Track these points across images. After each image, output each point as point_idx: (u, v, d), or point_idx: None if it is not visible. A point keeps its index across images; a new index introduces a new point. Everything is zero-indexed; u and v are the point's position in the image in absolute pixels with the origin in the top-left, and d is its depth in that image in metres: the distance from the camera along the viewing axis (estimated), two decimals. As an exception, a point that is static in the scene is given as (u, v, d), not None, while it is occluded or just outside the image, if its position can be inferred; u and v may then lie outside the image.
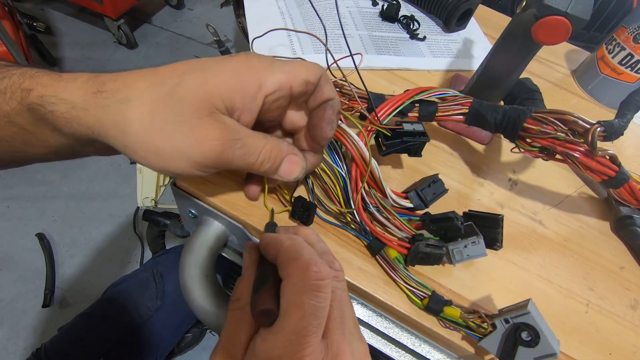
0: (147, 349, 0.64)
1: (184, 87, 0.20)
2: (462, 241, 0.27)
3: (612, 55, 0.45)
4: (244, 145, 0.21)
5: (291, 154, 0.24)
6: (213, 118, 0.20)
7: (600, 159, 0.28)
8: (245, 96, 0.21)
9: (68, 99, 0.19)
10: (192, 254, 0.30)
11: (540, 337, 0.22)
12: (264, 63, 0.21)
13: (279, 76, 0.21)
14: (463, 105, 0.33)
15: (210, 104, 0.20)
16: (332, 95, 0.24)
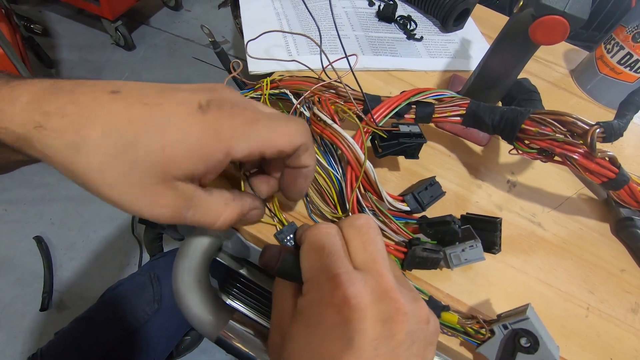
0: (145, 353, 0.63)
1: (139, 149, 0.18)
2: (459, 245, 0.27)
3: (611, 54, 0.45)
4: (196, 213, 0.21)
5: (252, 209, 0.24)
6: (166, 185, 0.19)
7: (599, 160, 0.28)
8: (208, 163, 0.19)
9: (10, 128, 0.17)
10: (185, 260, 0.30)
11: (539, 344, 0.22)
12: (235, 127, 0.19)
13: (251, 144, 0.20)
14: (460, 106, 0.32)
15: (165, 172, 0.18)
16: (307, 164, 0.23)
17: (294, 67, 0.39)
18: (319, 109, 0.29)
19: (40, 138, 0.17)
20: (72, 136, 0.17)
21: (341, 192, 0.29)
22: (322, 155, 0.29)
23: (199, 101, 0.19)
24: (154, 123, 0.18)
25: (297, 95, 0.32)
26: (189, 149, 0.18)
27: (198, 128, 0.19)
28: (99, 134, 0.17)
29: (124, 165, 0.18)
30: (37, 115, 0.17)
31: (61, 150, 0.17)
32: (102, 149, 0.17)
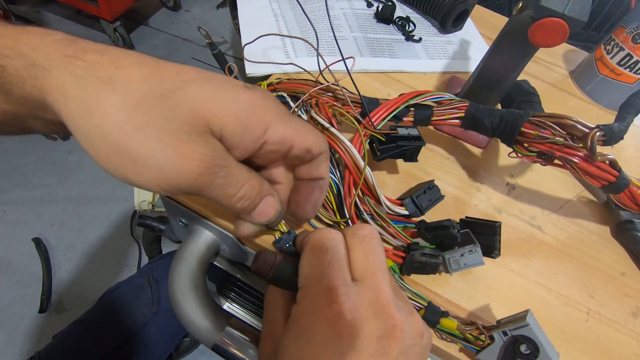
0: (143, 355, 0.63)
1: (186, 95, 0.16)
2: (458, 250, 0.26)
3: (611, 55, 0.45)
4: (227, 175, 0.18)
5: (270, 195, 0.22)
6: (204, 138, 0.17)
7: (599, 164, 0.27)
8: (247, 134, 0.18)
9: (29, 54, 0.15)
10: (181, 265, 0.29)
11: (539, 351, 0.21)
12: (278, 110, 0.19)
13: (287, 130, 0.19)
14: (459, 109, 0.32)
15: (206, 125, 0.17)
16: (325, 175, 0.23)
17: (291, 69, 0.39)
18: (317, 112, 0.29)
19: (68, 66, 0.15)
20: (109, 70, 0.15)
21: (339, 196, 0.28)
22: (319, 159, 0.29)
23: (245, 84, 0.19)
24: (207, 79, 0.17)
25: (294, 98, 0.32)
26: (239, 112, 0.17)
27: (248, 97, 0.18)
28: (141, 75, 0.16)
29: (163, 108, 0.15)
30: (72, 47, 0.15)
31: (90, 82, 0.15)
32: (140, 89, 0.15)
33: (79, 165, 1.26)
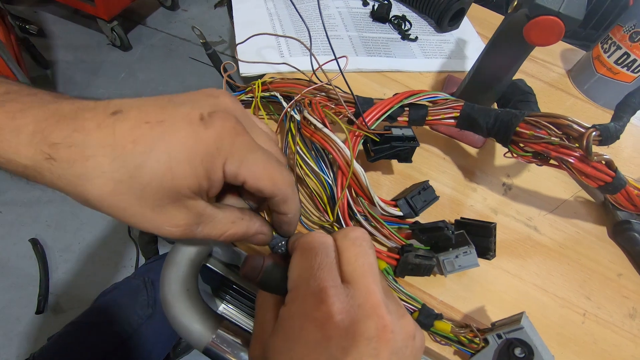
0: (139, 357, 0.62)
1: (148, 173, 0.18)
2: (453, 251, 0.26)
3: (608, 54, 0.44)
4: (205, 228, 0.21)
5: (258, 233, 0.24)
6: (176, 205, 0.19)
7: (596, 164, 0.27)
8: (212, 177, 0.20)
9: (17, 160, 0.17)
10: (172, 268, 0.29)
11: (534, 354, 0.21)
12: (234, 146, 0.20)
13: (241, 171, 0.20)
14: (454, 108, 0.32)
15: (174, 192, 0.19)
16: (285, 212, 0.23)
17: (285, 69, 0.39)
18: (310, 113, 0.29)
19: (51, 168, 0.17)
20: (81, 166, 0.17)
21: (332, 196, 0.28)
22: (313, 160, 0.29)
23: (201, 113, 0.19)
24: (159, 142, 0.18)
25: (287, 98, 0.32)
26: (194, 165, 0.19)
27: (202, 143, 0.19)
28: (108, 161, 0.18)
29: (136, 189, 0.18)
30: (45, 146, 0.17)
31: (72, 180, 0.17)
32: (112, 177, 0.18)
33: (76, 165, 1.26)
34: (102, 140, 0.18)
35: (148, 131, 0.18)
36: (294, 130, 0.29)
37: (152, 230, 0.20)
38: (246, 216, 0.23)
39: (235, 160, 0.20)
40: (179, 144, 0.18)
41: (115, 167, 0.18)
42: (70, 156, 0.17)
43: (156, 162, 0.18)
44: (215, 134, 0.19)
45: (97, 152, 0.17)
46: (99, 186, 0.17)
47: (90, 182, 0.17)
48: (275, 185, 0.21)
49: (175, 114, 0.19)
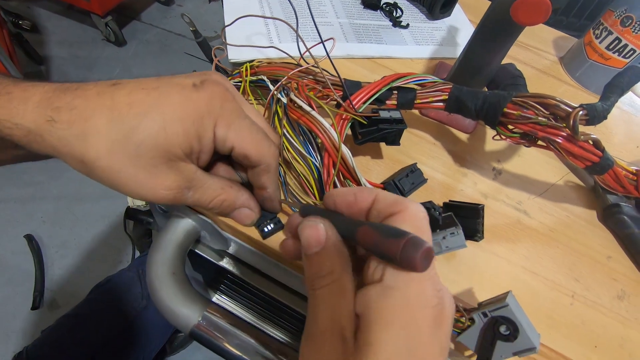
0: (133, 349, 0.62)
1: (142, 132, 0.19)
2: (440, 233, 0.26)
3: (600, 40, 0.44)
4: (196, 193, 0.22)
5: (244, 207, 0.24)
6: (168, 166, 0.20)
7: (583, 144, 0.27)
8: (202, 142, 0.21)
9: (22, 124, 0.19)
10: (159, 252, 0.29)
11: (519, 331, 0.21)
12: (224, 110, 0.21)
13: (229, 134, 0.21)
14: (443, 91, 0.31)
15: (167, 152, 0.20)
16: (266, 186, 0.24)
17: (274, 54, 0.38)
18: (296, 95, 0.28)
19: (52, 130, 0.19)
20: (80, 126, 0.19)
21: (320, 179, 0.28)
22: (300, 144, 0.28)
23: (193, 81, 0.21)
24: (153, 105, 0.19)
25: (275, 82, 0.31)
26: (186, 125, 0.20)
27: (193, 104, 0.20)
28: (105, 121, 0.19)
29: (130, 149, 0.19)
30: (49, 110, 0.19)
31: (71, 140, 0.19)
32: (108, 136, 0.19)
33: (71, 161, 1.25)
34: (101, 104, 0.19)
35: (144, 96, 0.19)
36: (281, 113, 0.29)
37: (144, 194, 0.20)
38: (235, 186, 0.24)
39: (224, 123, 0.21)
40: (172, 105, 0.20)
41: (112, 127, 0.19)
42: (71, 118, 0.18)
43: (151, 122, 0.19)
44: (206, 96, 0.20)
45: (95, 114, 0.19)
46: (95, 145, 0.18)
47: (88, 141, 0.18)
48: (260, 152, 0.22)
49: (170, 82, 0.21)
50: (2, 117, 0.19)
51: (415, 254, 0.15)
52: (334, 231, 0.19)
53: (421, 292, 0.17)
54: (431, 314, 0.16)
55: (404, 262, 0.16)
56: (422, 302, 0.16)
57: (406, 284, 0.17)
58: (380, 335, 0.16)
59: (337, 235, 0.19)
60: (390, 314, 0.16)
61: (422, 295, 0.17)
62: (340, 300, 0.18)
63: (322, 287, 0.18)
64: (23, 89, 0.19)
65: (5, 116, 0.19)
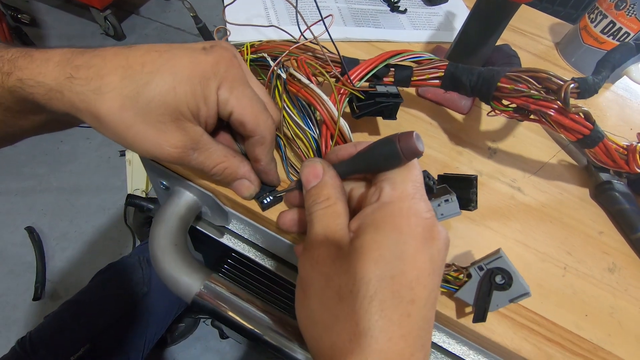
0: (135, 335, 0.63)
1: (152, 89, 0.20)
2: (435, 200, 0.27)
3: (595, 24, 0.45)
4: (200, 155, 0.23)
5: (244, 178, 0.26)
6: (176, 124, 0.21)
7: (573, 116, 0.28)
8: (208, 104, 0.22)
9: (44, 81, 0.20)
10: (161, 225, 0.29)
11: (513, 279, 0.22)
12: (228, 74, 0.22)
13: (231, 99, 0.22)
14: (439, 68, 0.32)
15: (176, 110, 0.21)
16: (259, 157, 0.25)
17: (275, 35, 0.39)
18: (295, 69, 0.29)
19: (71, 86, 0.20)
20: (97, 82, 0.20)
21: (318, 151, 0.29)
22: (299, 117, 0.29)
23: (204, 46, 0.22)
24: (164, 65, 0.21)
25: (275, 59, 0.32)
26: (194, 84, 0.21)
27: (200, 65, 0.21)
28: (118, 78, 0.20)
29: (141, 105, 0.20)
30: (69, 68, 0.20)
31: (87, 95, 0.20)
32: (121, 91, 0.20)
33: (70, 155, 1.26)
34: (116, 63, 0.20)
35: (156, 57, 0.21)
36: (281, 87, 0.30)
37: (151, 150, 0.21)
38: (238, 156, 0.25)
39: (227, 86, 0.22)
40: (181, 66, 0.21)
41: (125, 83, 0.20)
42: (89, 75, 0.20)
43: (161, 81, 0.20)
44: (213, 59, 0.21)
45: (110, 72, 0.20)
46: (109, 100, 0.20)
47: (103, 96, 0.20)
48: (256, 122, 0.23)
49: (182, 46, 0.22)
50: (25, 77, 0.20)
51: (411, 135, 0.19)
52: (331, 168, 0.22)
53: (414, 206, 0.19)
54: (423, 223, 0.18)
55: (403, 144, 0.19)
56: (414, 212, 0.18)
57: (400, 199, 0.19)
58: (372, 236, 0.18)
59: (334, 171, 0.22)
60: (383, 221, 0.18)
61: (415, 207, 0.19)
62: (335, 219, 0.20)
63: (318, 210, 0.21)
64: (43, 52, 0.21)
65: (28, 75, 0.20)
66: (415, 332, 0.17)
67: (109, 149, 1.27)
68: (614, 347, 0.27)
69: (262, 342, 0.28)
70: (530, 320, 0.27)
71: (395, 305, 0.17)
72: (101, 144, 1.28)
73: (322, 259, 0.19)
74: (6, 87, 0.20)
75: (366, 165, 0.21)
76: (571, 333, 0.27)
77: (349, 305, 0.17)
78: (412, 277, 0.17)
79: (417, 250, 0.18)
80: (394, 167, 0.20)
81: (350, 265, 0.18)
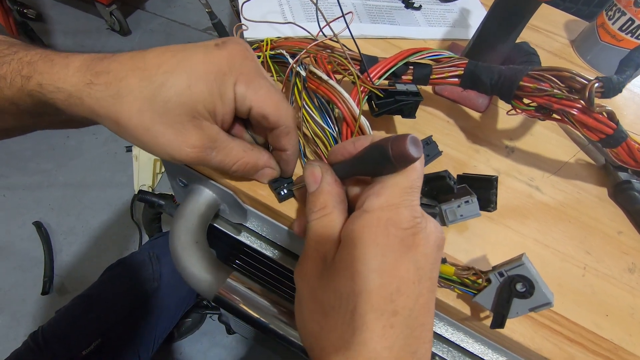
0: (145, 330, 0.64)
1: (169, 89, 0.20)
2: (455, 201, 0.27)
3: (613, 21, 0.44)
4: (219, 154, 0.23)
5: (267, 167, 0.26)
6: (194, 123, 0.21)
7: (597, 115, 0.27)
8: (225, 100, 0.22)
9: (64, 87, 0.20)
10: (182, 221, 0.30)
11: (535, 288, 0.22)
12: (244, 68, 0.22)
13: (249, 93, 0.22)
14: (458, 66, 0.32)
15: (192, 109, 0.21)
16: (286, 148, 0.25)
17: (291, 33, 0.39)
18: (315, 67, 0.29)
19: (91, 92, 0.20)
20: (115, 87, 0.20)
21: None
22: (318, 114, 0.29)
23: (216, 42, 0.22)
24: (179, 64, 0.21)
25: (293, 56, 0.32)
26: (209, 81, 0.21)
27: (215, 61, 0.21)
28: (136, 81, 0.20)
29: (158, 106, 0.20)
30: (88, 74, 0.20)
31: (107, 100, 0.20)
32: (139, 94, 0.20)
33: (77, 150, 1.26)
34: (133, 66, 0.20)
35: (171, 57, 0.21)
36: (300, 85, 0.29)
37: (171, 152, 0.21)
38: (256, 148, 0.25)
39: (244, 80, 0.22)
40: (196, 64, 0.21)
41: (143, 86, 0.20)
42: (107, 80, 0.20)
43: (177, 80, 0.20)
44: (227, 53, 0.21)
45: (128, 75, 0.20)
46: (127, 103, 0.20)
47: (121, 99, 0.20)
48: (279, 113, 0.23)
49: (195, 45, 0.22)
50: (46, 82, 0.20)
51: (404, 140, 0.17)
52: (330, 173, 0.22)
53: (395, 216, 0.18)
54: (401, 234, 0.18)
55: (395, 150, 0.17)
56: (393, 223, 0.18)
57: (382, 208, 0.19)
58: (349, 251, 0.18)
59: (333, 177, 0.22)
60: (361, 232, 0.18)
61: (395, 218, 0.18)
62: (327, 230, 0.20)
63: (314, 219, 0.21)
64: (64, 57, 0.21)
65: (49, 80, 0.20)
66: (402, 342, 0.17)
67: (116, 144, 1.27)
68: (636, 347, 0.27)
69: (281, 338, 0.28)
70: (551, 320, 0.27)
71: (377, 318, 0.17)
72: (107, 139, 1.28)
73: (309, 274, 0.20)
74: (25, 91, 0.20)
75: (361, 169, 0.21)
76: (592, 333, 0.27)
77: (332, 319, 0.18)
78: (392, 289, 0.17)
79: (396, 260, 0.17)
80: (389, 173, 0.19)
81: (330, 281, 0.18)
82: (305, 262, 0.20)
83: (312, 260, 0.20)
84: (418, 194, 0.19)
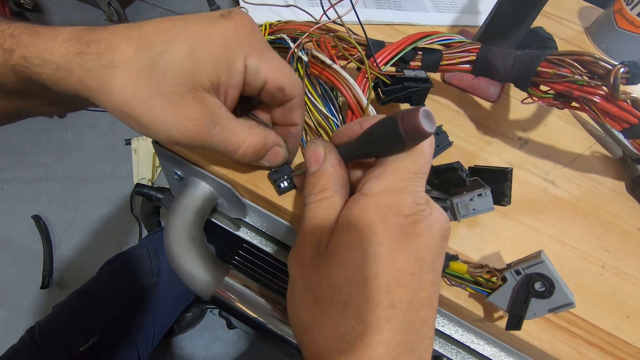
0: (143, 326, 0.63)
1: (169, 58, 0.18)
2: (467, 194, 0.25)
3: (631, 6, 0.42)
4: (222, 132, 0.21)
5: (276, 145, 0.24)
6: (194, 96, 0.19)
7: (622, 103, 0.25)
8: (231, 72, 0.20)
9: (50, 59, 0.18)
10: (177, 216, 0.28)
11: (555, 287, 0.20)
12: (252, 40, 0.20)
13: (262, 65, 0.20)
14: (470, 52, 0.30)
15: (194, 80, 0.19)
16: (297, 121, 0.24)
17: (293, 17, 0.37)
18: (318, 51, 0.27)
19: (81, 62, 0.18)
20: (109, 56, 0.18)
21: (342, 141, 0.27)
22: (321, 102, 0.27)
23: (221, 12, 0.20)
24: (180, 32, 0.19)
25: (294, 40, 0.30)
26: (214, 51, 0.19)
27: (221, 30, 0.19)
28: (133, 49, 0.18)
29: (156, 76, 0.18)
30: (78, 44, 0.18)
31: (99, 70, 0.18)
32: (135, 63, 0.18)
33: (75, 143, 1.25)
34: (128, 34, 0.18)
35: (171, 25, 0.19)
36: (302, 71, 0.28)
37: (168, 128, 0.19)
38: (261, 126, 0.23)
39: (255, 52, 0.20)
40: (199, 32, 0.19)
41: (139, 55, 0.18)
42: (100, 49, 0.18)
43: (178, 49, 0.18)
44: (234, 23, 0.19)
45: (122, 43, 0.18)
46: (122, 74, 0.18)
47: (115, 70, 0.18)
48: (294, 83, 0.21)
49: (197, 15, 0.20)
50: (31, 54, 0.18)
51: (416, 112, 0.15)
52: (334, 153, 0.20)
53: (395, 202, 0.17)
54: (402, 221, 0.16)
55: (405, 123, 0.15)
56: (393, 209, 0.16)
57: (381, 193, 0.17)
58: (344, 236, 0.17)
59: (337, 158, 0.20)
60: (358, 218, 0.17)
61: (395, 204, 0.17)
62: (325, 214, 0.18)
63: (312, 202, 0.19)
64: (51, 29, 0.19)
65: (33, 52, 0.18)
66: (398, 337, 0.16)
67: (115, 137, 1.25)
68: (659, 351, 0.26)
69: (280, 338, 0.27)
70: (569, 322, 0.26)
71: (372, 310, 0.15)
72: (106, 132, 1.26)
73: (305, 260, 0.18)
74: (9, 66, 0.19)
75: (367, 149, 0.19)
76: (612, 335, 0.26)
77: (325, 310, 0.17)
78: (389, 279, 0.16)
79: (394, 250, 0.16)
80: (398, 152, 0.17)
81: (324, 269, 0.17)
82: (300, 249, 0.19)
83: (308, 247, 0.18)
84: (424, 181, 0.18)
